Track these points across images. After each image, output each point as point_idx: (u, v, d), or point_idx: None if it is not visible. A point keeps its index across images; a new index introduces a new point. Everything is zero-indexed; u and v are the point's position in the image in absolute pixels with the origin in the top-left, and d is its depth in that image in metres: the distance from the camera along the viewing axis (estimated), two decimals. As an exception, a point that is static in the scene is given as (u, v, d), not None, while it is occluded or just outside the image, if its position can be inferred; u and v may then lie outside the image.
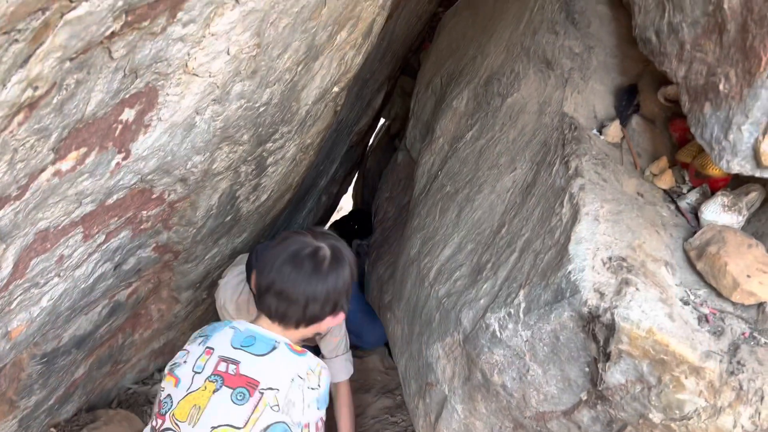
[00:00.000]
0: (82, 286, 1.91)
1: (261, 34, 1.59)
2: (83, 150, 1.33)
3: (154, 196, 1.87)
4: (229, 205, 2.40)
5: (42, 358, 2.23)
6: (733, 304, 1.50)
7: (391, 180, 3.95)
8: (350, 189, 7.36)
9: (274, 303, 1.59)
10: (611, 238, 1.55)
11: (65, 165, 1.31)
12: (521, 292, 1.61)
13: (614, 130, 2.05)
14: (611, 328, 1.39)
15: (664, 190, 1.88)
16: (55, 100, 1.09)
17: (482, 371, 1.71)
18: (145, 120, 1.49)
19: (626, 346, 1.39)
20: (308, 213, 5.34)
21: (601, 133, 2.08)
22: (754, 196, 1.71)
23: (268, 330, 1.61)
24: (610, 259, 1.50)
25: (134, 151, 1.52)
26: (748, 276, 1.46)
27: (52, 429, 2.85)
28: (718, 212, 1.68)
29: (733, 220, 1.66)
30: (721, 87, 1.39)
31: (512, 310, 1.61)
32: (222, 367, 1.53)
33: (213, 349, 1.58)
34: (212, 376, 1.52)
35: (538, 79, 2.36)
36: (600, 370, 1.46)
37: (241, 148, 2.03)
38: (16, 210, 1.26)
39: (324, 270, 1.59)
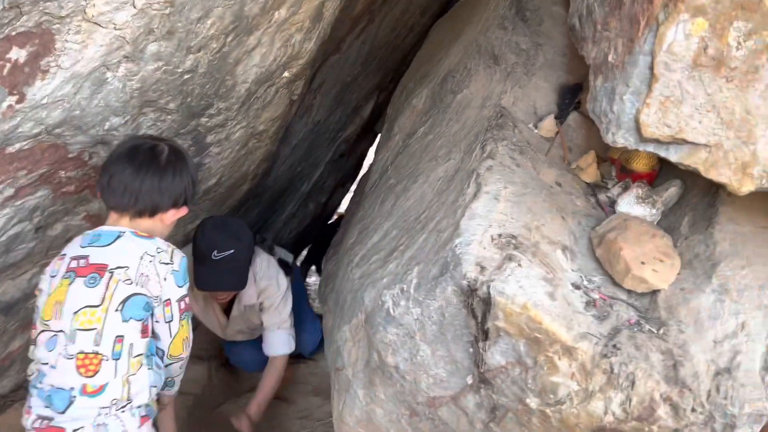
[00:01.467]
0: (-7, 241, 1.89)
1: (172, -8, 1.58)
2: (-38, 82, 1.33)
3: (70, 155, 1.86)
4: (169, 181, 2.38)
5: (-38, 319, 2.21)
6: (629, 292, 1.43)
7: (364, 184, 3.92)
8: (347, 202, 7.35)
9: (116, 194, 1.67)
10: (507, 217, 1.50)
11: (-60, 95, 1.31)
12: (416, 269, 1.56)
13: (548, 123, 2.01)
14: (487, 303, 1.33)
15: (589, 184, 1.82)
16: None
17: (378, 352, 1.65)
18: (42, 65, 1.48)
19: (502, 323, 1.32)
20: (290, 217, 5.33)
21: (537, 127, 2.04)
22: (672, 191, 1.65)
23: (113, 226, 1.69)
24: (500, 236, 1.44)
25: (30, 95, 1.51)
26: (643, 263, 1.39)
27: (-16, 401, 2.82)
28: (632, 204, 1.62)
29: (647, 212, 1.60)
30: (610, 58, 1.35)
31: (405, 286, 1.55)
32: (73, 264, 1.63)
33: (65, 254, 1.69)
34: (66, 274, 1.62)
35: (486, 74, 2.33)
36: (481, 350, 1.40)
37: (169, 117, 2.02)
38: None
39: (161, 162, 1.68)
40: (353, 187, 6.92)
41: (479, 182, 1.59)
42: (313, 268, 5.72)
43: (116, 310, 1.58)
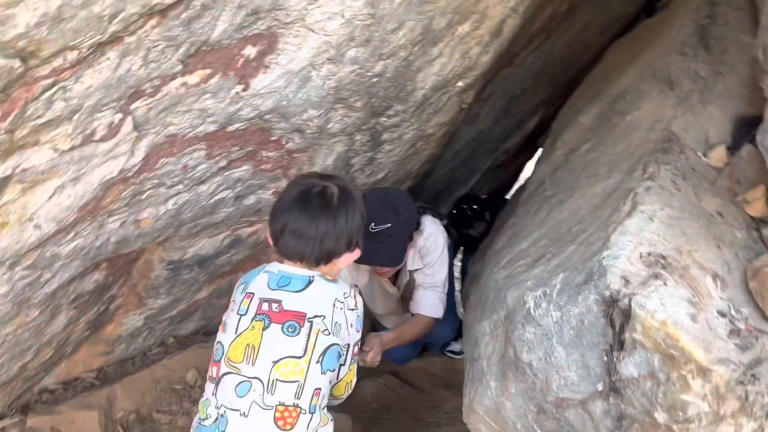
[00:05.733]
0: (203, 203, 2.28)
1: (375, 6, 1.83)
2: (208, 71, 1.67)
3: (272, 138, 2.19)
4: (344, 170, 2.68)
5: (169, 264, 2.66)
6: (780, 329, 1.42)
7: (519, 195, 4.00)
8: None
9: (291, 243, 1.65)
10: (660, 237, 1.54)
11: (191, 79, 1.65)
12: (561, 275, 1.66)
13: (718, 153, 1.98)
14: (627, 315, 1.40)
15: (754, 219, 1.79)
16: (183, 15, 1.42)
17: (514, 348, 1.77)
18: (265, 61, 1.80)
19: (639, 336, 1.39)
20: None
21: (705, 156, 2.03)
22: None
23: (299, 269, 1.69)
24: (649, 254, 1.50)
25: (253, 85, 1.84)
26: (799, 301, 1.37)
27: (171, 338, 3.33)
28: (798, 243, 1.58)
29: (814, 253, 1.56)
30: (786, 92, 1.34)
31: (548, 290, 1.66)
32: (265, 306, 1.62)
33: (253, 293, 1.67)
34: (258, 316, 1.61)
35: (659, 99, 2.34)
36: (615, 360, 1.47)
37: (355, 114, 2.29)
38: (149, 105, 1.62)
39: (333, 206, 1.65)
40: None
41: (636, 201, 1.65)
42: None
43: (317, 362, 1.58)
